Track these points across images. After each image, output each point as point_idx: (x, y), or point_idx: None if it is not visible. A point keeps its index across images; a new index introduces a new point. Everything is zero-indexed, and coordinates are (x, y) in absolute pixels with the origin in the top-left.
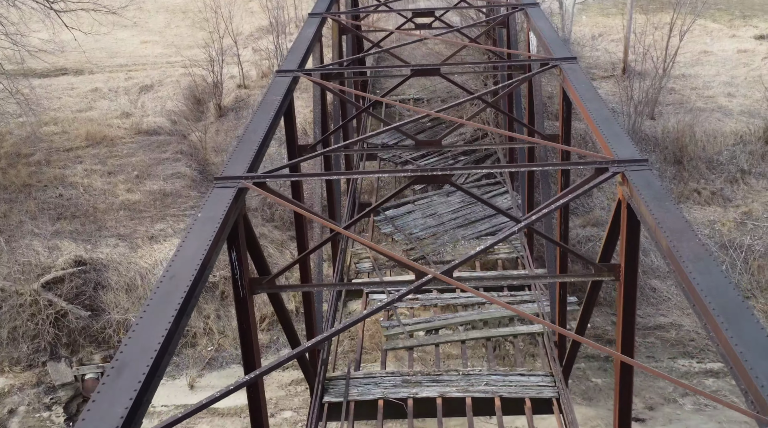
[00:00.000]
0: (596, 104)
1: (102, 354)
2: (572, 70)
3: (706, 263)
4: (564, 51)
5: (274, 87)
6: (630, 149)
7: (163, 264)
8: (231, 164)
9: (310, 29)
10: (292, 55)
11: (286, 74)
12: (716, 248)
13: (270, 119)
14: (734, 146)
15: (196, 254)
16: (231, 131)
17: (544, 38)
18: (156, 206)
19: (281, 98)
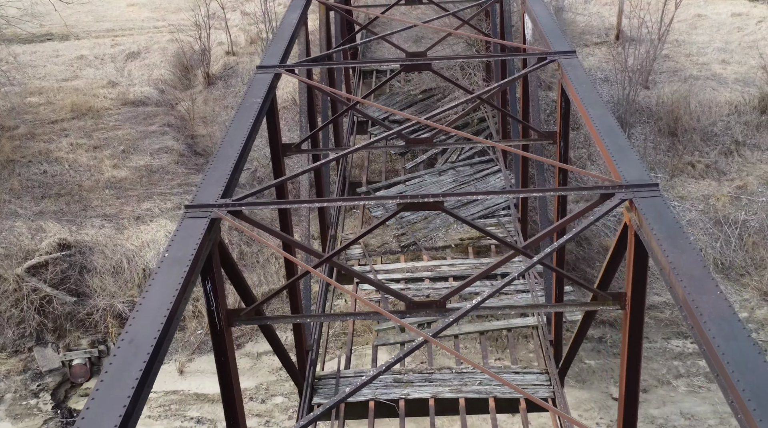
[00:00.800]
0: (599, 110)
1: (89, 338)
2: (572, 66)
3: (731, 326)
4: (563, 43)
5: (254, 87)
6: (638, 170)
7: (149, 246)
8: (204, 188)
9: (294, 14)
10: (274, 46)
11: (267, 71)
12: (711, 225)
13: (248, 127)
14: (729, 116)
15: (160, 308)
16: (219, 100)
17: (541, 27)
18: (143, 184)
19: (261, 101)
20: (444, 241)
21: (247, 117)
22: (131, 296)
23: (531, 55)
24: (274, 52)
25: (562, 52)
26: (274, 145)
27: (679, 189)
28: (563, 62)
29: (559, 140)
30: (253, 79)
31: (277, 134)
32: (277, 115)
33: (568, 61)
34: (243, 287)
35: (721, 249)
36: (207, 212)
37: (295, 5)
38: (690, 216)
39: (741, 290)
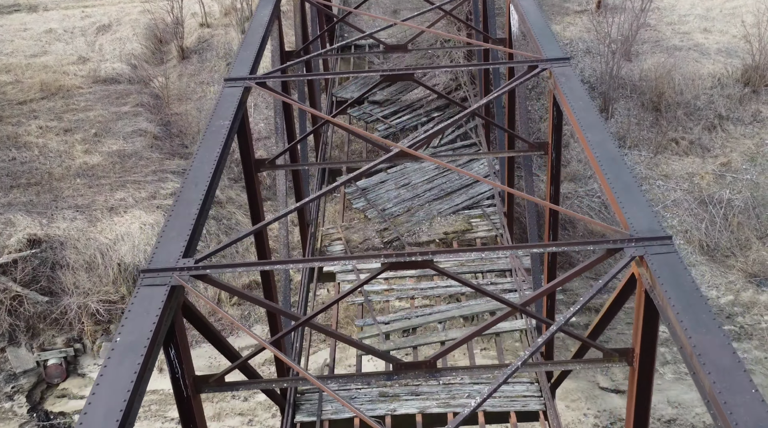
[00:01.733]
0: (599, 135)
1: (64, 336)
2: (566, 76)
3: None
4: (554, 47)
5: (222, 105)
6: (648, 216)
7: (124, 239)
8: (162, 246)
9: (265, 9)
10: (244, 52)
11: (235, 84)
12: (695, 205)
13: (215, 160)
14: (712, 89)
15: (112, 408)
16: (194, 75)
17: (530, 25)
18: (115, 171)
19: (229, 123)
20: (428, 235)
21: (215, 145)
22: (106, 292)
23: (520, 63)
24: (243, 58)
25: (554, 60)
26: (247, 162)
27: (663, 167)
28: (556, 72)
29: (551, 151)
30: (220, 93)
31: (250, 151)
32: (249, 132)
33: (561, 70)
34: (220, 343)
35: (706, 230)
36: (166, 277)
37: (266, 1)
38: (675, 196)
39: (726, 272)
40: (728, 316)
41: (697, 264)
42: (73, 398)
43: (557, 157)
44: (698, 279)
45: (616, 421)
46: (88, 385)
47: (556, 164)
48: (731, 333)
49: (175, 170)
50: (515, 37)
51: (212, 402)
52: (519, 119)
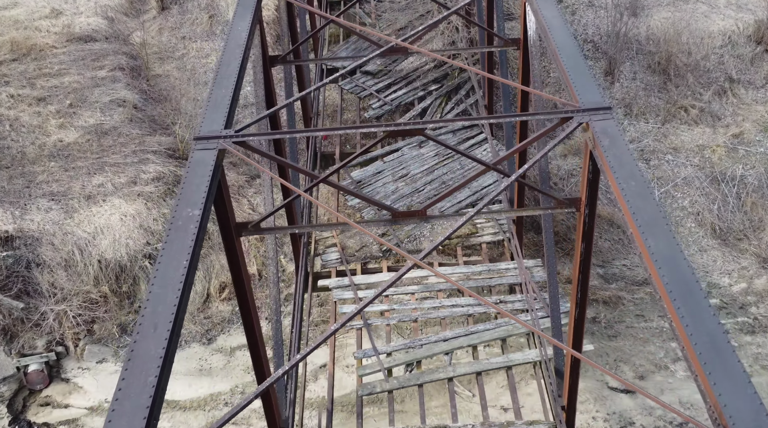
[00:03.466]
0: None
1: (45, 339)
2: (607, 133)
3: None
4: (593, 90)
5: (192, 180)
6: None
7: (104, 232)
8: None
9: (243, 22)
10: (218, 90)
11: (208, 145)
12: (707, 183)
13: (185, 263)
14: (722, 48)
15: None
16: (175, 29)
17: (559, 56)
18: (93, 150)
19: (199, 213)
20: (429, 241)
21: (183, 241)
22: (86, 293)
23: (549, 115)
24: (217, 100)
25: (594, 110)
26: (226, 227)
27: (672, 139)
28: (596, 126)
29: (583, 208)
30: (189, 160)
31: (229, 215)
32: (228, 196)
33: (602, 124)
34: None
35: (719, 211)
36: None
37: (243, 10)
38: (686, 172)
39: (739, 257)
40: (741, 306)
41: (708, 249)
42: (57, 407)
43: (591, 214)
44: (710, 265)
45: (627, 426)
46: (72, 391)
47: (589, 222)
48: (744, 325)
49: (156, 149)
50: (532, 42)
51: (203, 410)
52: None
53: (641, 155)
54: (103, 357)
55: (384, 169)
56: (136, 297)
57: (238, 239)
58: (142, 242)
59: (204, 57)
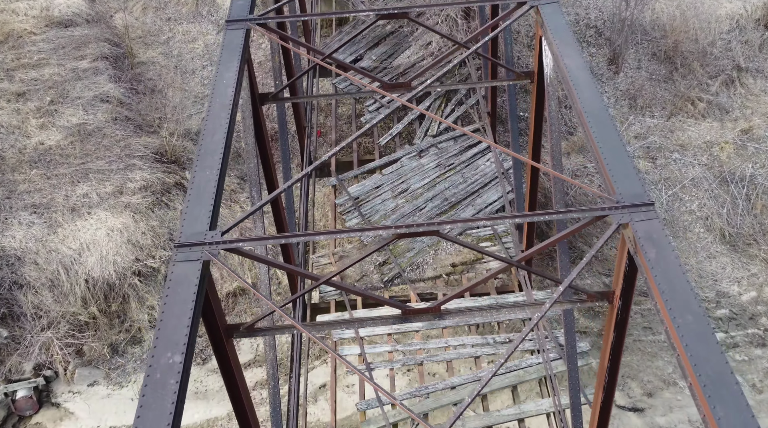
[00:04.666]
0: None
1: (33, 363)
2: (654, 244)
3: None
4: (631, 178)
5: (171, 309)
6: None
7: (90, 249)
8: None
9: (228, 73)
10: (202, 172)
11: (191, 253)
12: (716, 184)
13: None
14: (729, 33)
15: None
16: (160, 9)
17: (592, 136)
18: (76, 154)
19: (182, 354)
20: (433, 269)
21: None
22: (74, 314)
23: (585, 212)
24: (200, 194)
25: (634, 207)
26: (214, 330)
27: (679, 134)
28: (638, 228)
29: (616, 302)
30: (170, 277)
31: (218, 320)
32: (218, 304)
33: (645, 227)
34: None
35: (728, 215)
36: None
37: (230, 53)
38: (693, 173)
39: (748, 263)
40: (751, 317)
41: (717, 255)
42: None
43: (625, 307)
44: (719, 273)
45: None
46: (63, 417)
47: (623, 313)
48: (754, 337)
49: (143, 153)
50: (548, 81)
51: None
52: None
53: (647, 154)
54: (94, 379)
55: (383, 183)
56: (127, 316)
57: (230, 340)
58: (130, 258)
59: (191, 41)
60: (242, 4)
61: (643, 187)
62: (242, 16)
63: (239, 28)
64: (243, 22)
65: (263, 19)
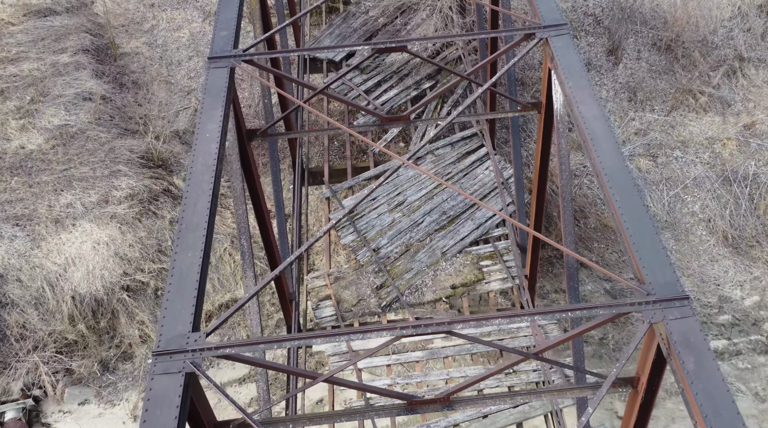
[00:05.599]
0: None
1: (21, 382)
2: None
3: None
4: (663, 262)
5: None
6: None
7: (75, 263)
8: None
9: (212, 124)
10: (185, 247)
11: None
12: (719, 184)
13: None
14: (731, 20)
15: None
16: None
17: (621, 221)
18: (58, 160)
19: None
20: (433, 291)
21: None
22: (61, 332)
23: None
24: None
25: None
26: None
27: (680, 130)
28: None
29: (642, 388)
30: None
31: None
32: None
33: None
34: None
35: (731, 217)
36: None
37: (213, 98)
38: (695, 172)
39: (751, 266)
40: (754, 323)
41: (719, 258)
42: None
43: (650, 392)
44: (721, 277)
45: None
46: None
47: (647, 395)
48: (757, 344)
49: (128, 157)
50: (559, 117)
51: None
52: None
53: (648, 151)
54: (84, 398)
55: (378, 194)
56: (116, 332)
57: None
58: (118, 272)
59: (175, 30)
60: (225, 36)
61: (675, 275)
62: (226, 51)
63: (222, 67)
64: (227, 59)
65: (249, 55)
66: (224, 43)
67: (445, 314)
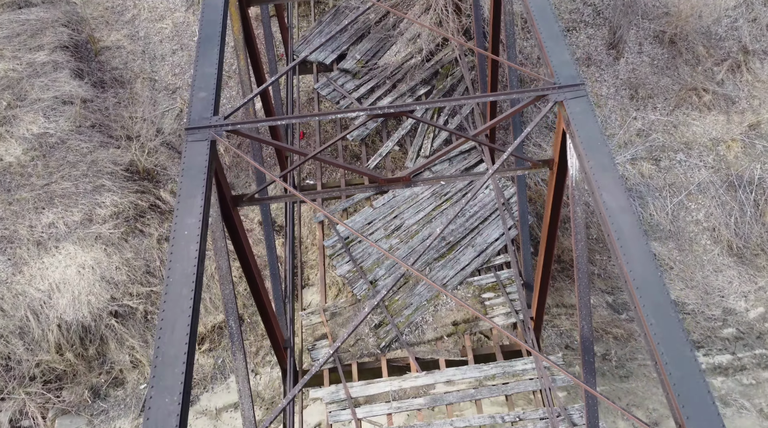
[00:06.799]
0: None
1: (9, 413)
2: None
3: None
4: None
5: None
6: None
7: (59, 289)
8: None
9: (191, 218)
10: None
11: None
12: (723, 190)
13: None
14: (735, 9)
15: None
16: None
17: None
18: (39, 174)
19: None
20: (434, 329)
21: None
22: (48, 362)
23: None
24: None
25: None
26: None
27: (683, 130)
28: None
29: None
30: None
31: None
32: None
33: None
34: None
35: (735, 225)
36: None
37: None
38: (699, 177)
39: (755, 276)
40: (759, 336)
41: (724, 268)
42: None
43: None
44: (725, 288)
45: None
46: None
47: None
48: (762, 359)
49: (112, 170)
50: (575, 184)
51: None
52: None
53: (650, 154)
54: (76, 427)
55: (374, 218)
56: (106, 358)
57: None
58: (105, 297)
59: (158, 20)
60: (204, 98)
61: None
62: (205, 118)
63: (201, 140)
64: (206, 130)
65: (232, 124)
66: (203, 108)
67: (448, 354)
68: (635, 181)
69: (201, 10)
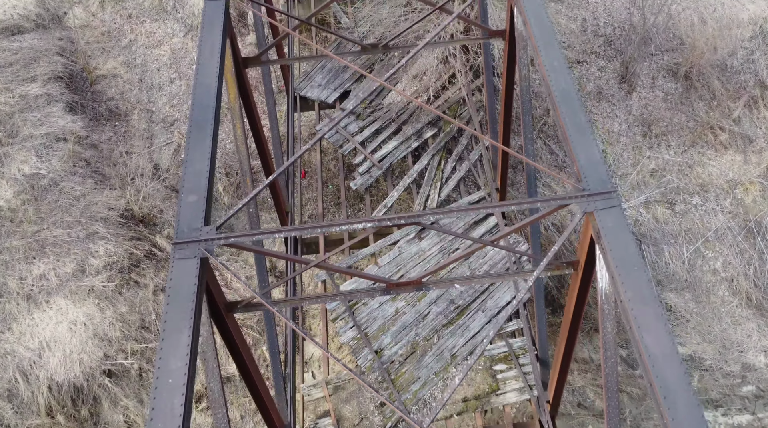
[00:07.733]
0: None
1: None
2: None
3: None
4: None
5: None
6: None
7: (50, 348)
8: None
9: None
10: None
11: None
12: (741, 237)
13: None
14: (751, 41)
15: None
16: (119, 2)
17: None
18: (30, 219)
19: None
20: (444, 408)
21: None
22: (38, 426)
23: None
24: None
25: None
26: None
27: (699, 170)
28: None
29: None
30: None
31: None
32: None
33: None
34: None
35: (755, 275)
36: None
37: None
38: (717, 223)
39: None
40: None
41: (743, 321)
42: None
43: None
44: (744, 342)
45: None
46: None
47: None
48: None
49: (106, 216)
50: None
51: None
52: None
53: (665, 197)
54: None
55: (378, 271)
56: (99, 418)
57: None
58: (98, 355)
59: (155, 46)
60: (194, 204)
61: None
62: (195, 230)
63: (191, 257)
64: (196, 244)
65: (225, 237)
66: (192, 216)
67: None
68: (650, 226)
69: (193, 87)
